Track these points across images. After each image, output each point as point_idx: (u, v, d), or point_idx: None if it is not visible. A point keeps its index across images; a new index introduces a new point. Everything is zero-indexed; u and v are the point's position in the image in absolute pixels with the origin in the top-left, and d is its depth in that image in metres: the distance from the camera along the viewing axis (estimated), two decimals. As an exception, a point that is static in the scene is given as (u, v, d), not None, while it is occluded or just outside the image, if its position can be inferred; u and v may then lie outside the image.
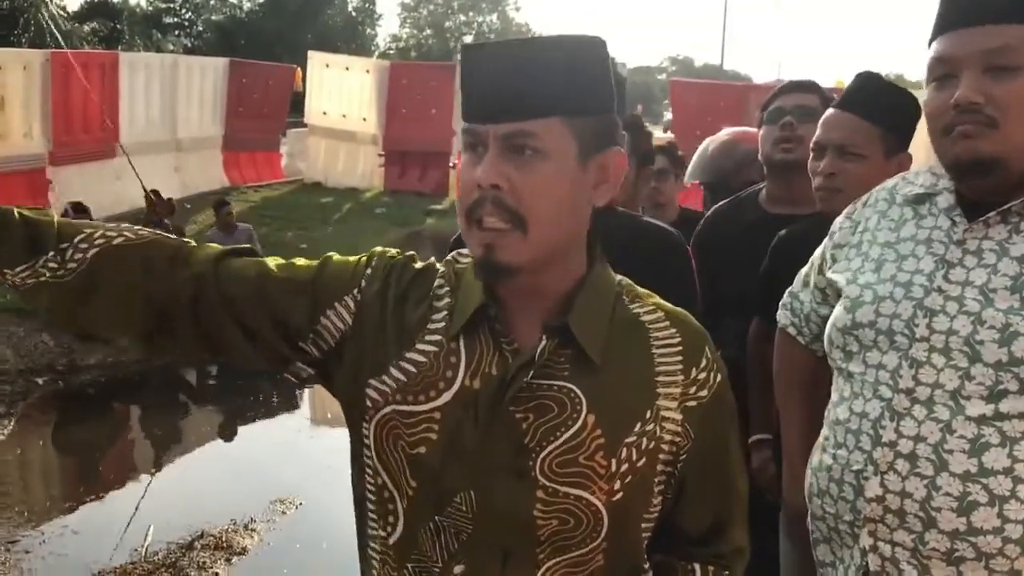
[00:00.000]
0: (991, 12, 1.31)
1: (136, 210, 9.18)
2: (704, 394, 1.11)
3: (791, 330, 1.75)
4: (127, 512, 4.35)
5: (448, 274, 1.15)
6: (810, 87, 2.44)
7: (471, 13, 45.26)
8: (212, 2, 34.44)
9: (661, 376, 1.09)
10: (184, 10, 33.87)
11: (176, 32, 32.04)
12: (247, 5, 34.34)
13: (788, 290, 1.76)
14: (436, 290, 1.14)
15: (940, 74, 1.36)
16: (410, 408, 1.08)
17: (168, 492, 4.71)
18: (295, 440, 5.43)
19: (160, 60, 14.00)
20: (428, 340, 1.10)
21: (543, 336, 1.07)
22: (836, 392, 1.50)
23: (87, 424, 5.83)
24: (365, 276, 1.15)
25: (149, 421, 6.12)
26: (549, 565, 1.07)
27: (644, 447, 1.07)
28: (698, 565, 1.16)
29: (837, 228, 1.60)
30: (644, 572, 1.15)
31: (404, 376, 1.09)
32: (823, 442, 1.50)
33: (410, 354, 1.10)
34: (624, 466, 1.06)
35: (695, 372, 1.11)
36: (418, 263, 1.18)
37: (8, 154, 9.61)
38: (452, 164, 14.19)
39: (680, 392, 1.10)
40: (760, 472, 2.14)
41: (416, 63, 23.45)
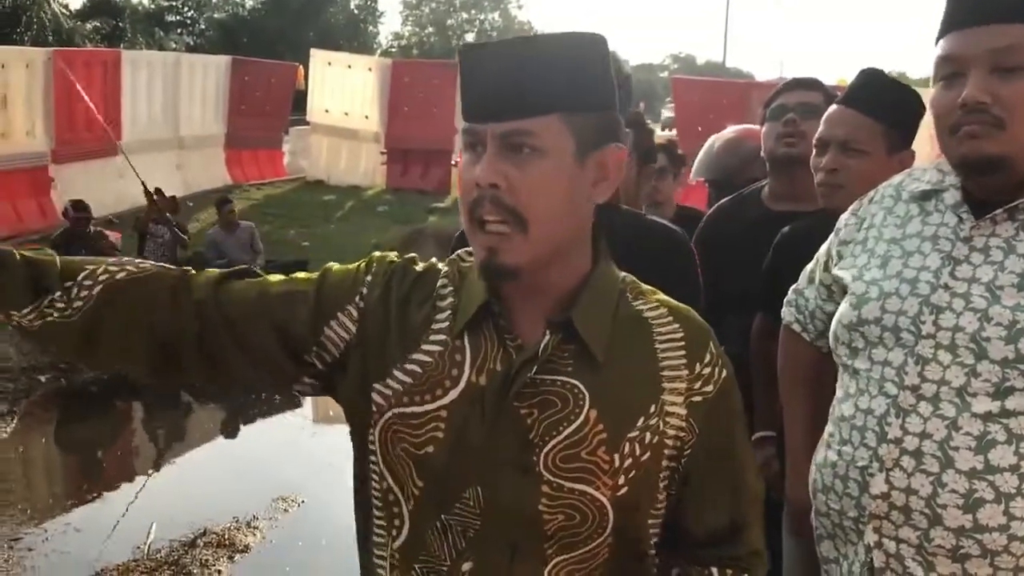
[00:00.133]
0: (999, 11, 1.30)
1: (138, 208, 9.20)
2: (709, 389, 1.10)
3: (796, 327, 1.75)
4: (129, 510, 4.36)
5: (452, 273, 1.15)
6: (813, 84, 2.43)
7: (473, 11, 45.21)
8: (214, 0, 34.44)
9: (666, 371, 1.09)
10: (186, 8, 33.86)
11: (178, 30, 32.04)
12: (249, 3, 34.35)
13: (793, 287, 1.75)
14: (439, 290, 1.14)
15: (947, 73, 1.35)
16: (417, 408, 1.09)
17: (170, 490, 4.71)
18: (297, 438, 5.43)
19: (162, 58, 14.04)
20: (433, 340, 1.11)
21: (546, 331, 1.07)
22: (841, 388, 1.50)
23: (89, 422, 5.84)
24: (366, 283, 1.15)
25: (151, 419, 6.12)
26: (557, 561, 1.07)
27: (648, 442, 1.07)
28: (715, 569, 1.14)
29: (843, 225, 1.60)
30: (650, 566, 1.14)
31: (410, 378, 1.10)
32: (828, 439, 1.49)
33: (415, 355, 1.10)
34: (627, 461, 1.06)
35: (699, 367, 1.10)
36: (419, 265, 1.18)
37: (11, 152, 9.65)
38: (454, 162, 14.18)
39: (686, 387, 1.09)
40: (763, 469, 2.14)
41: (418, 61, 23.39)
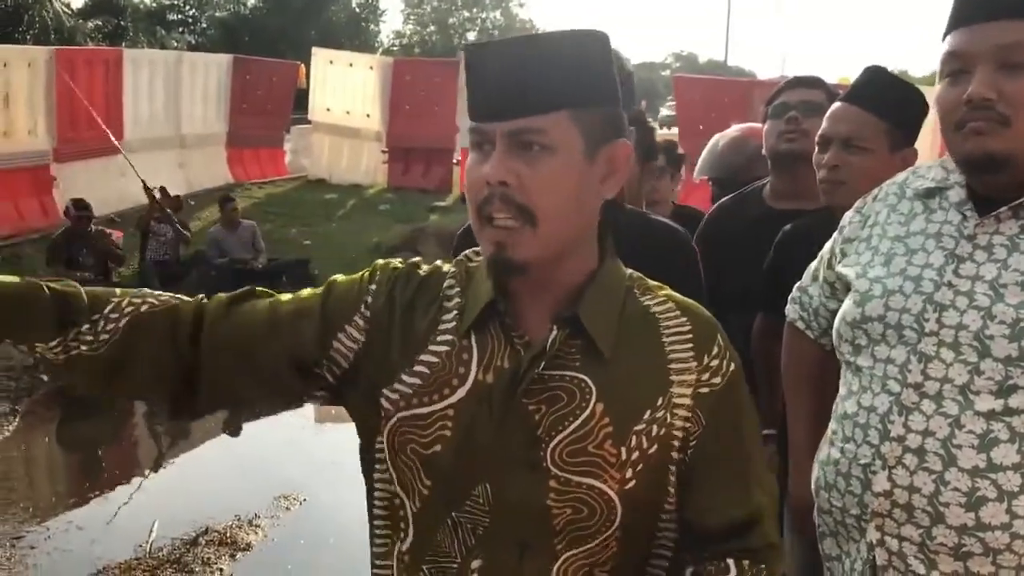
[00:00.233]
0: (1005, 8, 1.30)
1: (140, 207, 9.19)
2: (717, 381, 1.10)
3: (800, 324, 1.74)
4: (131, 508, 4.36)
5: (459, 273, 1.15)
6: (815, 83, 2.43)
7: (475, 9, 45.16)
8: (216, -1, 34.46)
9: (673, 363, 1.09)
10: (188, 7, 33.85)
11: (180, 29, 32.02)
12: (251, 2, 34.30)
13: (797, 284, 1.75)
14: (446, 291, 1.14)
15: (953, 69, 1.35)
16: (424, 410, 1.09)
17: (172, 488, 4.71)
18: (299, 436, 5.43)
19: (164, 57, 14.03)
20: (440, 341, 1.11)
21: (554, 327, 1.07)
22: (844, 386, 1.49)
23: (92, 420, 5.83)
24: (370, 292, 1.16)
25: (153, 417, 6.11)
26: (566, 557, 1.07)
27: (654, 434, 1.07)
28: (731, 561, 1.10)
29: (847, 222, 1.60)
30: (661, 564, 1.14)
31: (418, 379, 1.10)
32: (831, 436, 1.49)
33: (423, 356, 1.11)
34: (635, 454, 1.06)
35: (707, 359, 1.10)
36: (423, 268, 1.18)
37: (13, 151, 9.65)
38: (456, 160, 14.19)
39: (694, 379, 1.09)
40: (765, 467, 2.14)
41: (419, 59, 23.37)
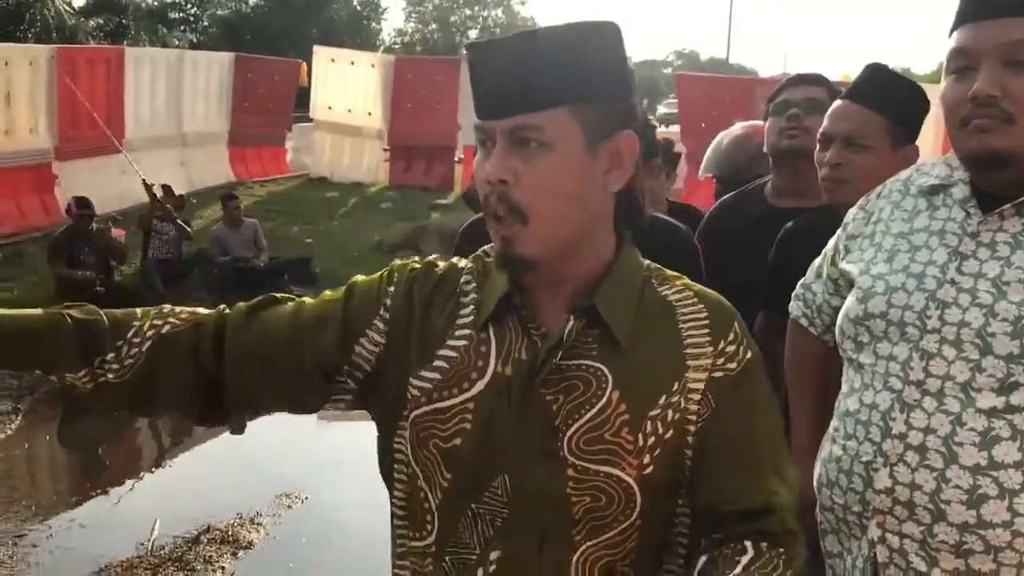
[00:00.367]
0: (1012, 5, 1.29)
1: (141, 205, 9.19)
2: (732, 367, 1.09)
3: (803, 321, 1.74)
4: (133, 506, 4.37)
5: (475, 268, 1.17)
6: (817, 80, 2.42)
7: (476, 7, 45.13)
8: (217, -3, 34.45)
9: (689, 349, 1.09)
10: (190, 5, 33.84)
11: (182, 27, 32.02)
12: (252, 0, 34.34)
13: (801, 281, 1.75)
14: (462, 286, 1.15)
15: (959, 66, 1.35)
16: (445, 403, 1.10)
17: (174, 486, 4.72)
18: (301, 435, 5.43)
19: (165, 55, 14.03)
20: (458, 336, 1.12)
21: (570, 317, 1.08)
22: (846, 383, 1.49)
23: (93, 419, 5.82)
24: (388, 294, 1.17)
25: (155, 416, 6.13)
26: (585, 547, 1.07)
27: (670, 419, 1.07)
28: (749, 542, 1.07)
29: (851, 219, 1.60)
30: (678, 554, 1.13)
31: (439, 374, 1.11)
32: (833, 433, 1.49)
33: (442, 352, 1.12)
34: (651, 439, 1.06)
35: (723, 344, 1.10)
36: (440, 266, 1.19)
37: (14, 149, 9.65)
38: (457, 159, 14.18)
39: (710, 363, 1.09)
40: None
41: (421, 57, 23.35)
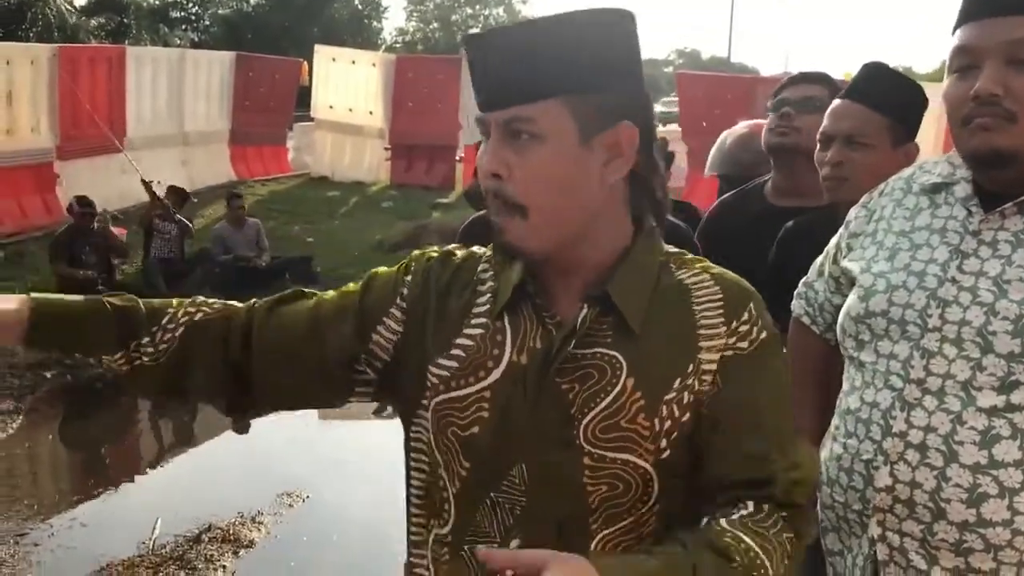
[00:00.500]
0: (1016, 3, 1.28)
1: (143, 204, 9.19)
2: (744, 346, 1.08)
3: (805, 319, 1.74)
4: (135, 505, 4.37)
5: (494, 257, 1.17)
6: (817, 78, 2.41)
7: (477, 6, 45.11)
8: (218, -4, 34.44)
9: (702, 330, 1.08)
10: (191, 4, 33.88)
11: (183, 26, 32.05)
12: (253, -1, 34.36)
13: (803, 279, 1.75)
14: (480, 275, 1.16)
15: (961, 64, 1.34)
16: (462, 392, 1.10)
17: (175, 485, 4.72)
18: (302, 433, 5.43)
19: (167, 54, 14.04)
20: (474, 324, 1.13)
21: (584, 305, 1.08)
22: (847, 381, 1.49)
23: (95, 418, 5.85)
24: (406, 283, 1.18)
25: (157, 415, 6.13)
26: (603, 535, 1.07)
27: (685, 402, 1.06)
28: (752, 504, 1.03)
29: (853, 217, 1.59)
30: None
31: (455, 362, 1.12)
32: (834, 431, 1.49)
33: (459, 340, 1.12)
34: (667, 424, 1.05)
35: (736, 324, 1.08)
36: (459, 254, 1.20)
37: (16, 148, 9.66)
38: (458, 158, 14.18)
39: (723, 344, 1.07)
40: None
41: (422, 56, 23.35)
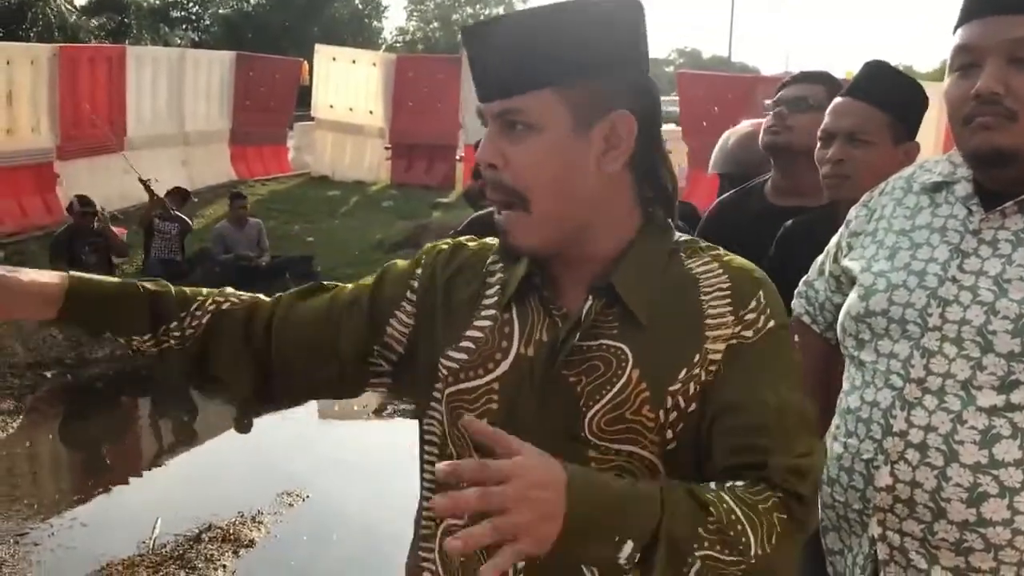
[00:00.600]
0: (1017, 2, 1.28)
1: (143, 204, 9.18)
2: (749, 335, 1.06)
3: (806, 318, 1.73)
4: (135, 504, 4.37)
5: (500, 250, 1.17)
6: (815, 78, 2.40)
7: (478, 6, 45.08)
8: (219, -4, 34.44)
9: (708, 319, 1.06)
10: (191, 4, 33.90)
11: (183, 26, 32.07)
12: (254, -1, 34.35)
13: (804, 278, 1.75)
14: (489, 267, 1.17)
15: (963, 63, 1.34)
16: (471, 384, 1.11)
17: (175, 485, 4.72)
18: (303, 433, 5.44)
19: (167, 54, 14.01)
20: (484, 316, 1.13)
21: (589, 297, 1.07)
22: (848, 381, 1.49)
23: (95, 417, 5.84)
24: (416, 276, 1.19)
25: (157, 414, 6.13)
26: None
27: (691, 393, 1.05)
28: (747, 478, 1.00)
29: (853, 216, 1.59)
30: None
31: (465, 354, 1.12)
32: (834, 430, 1.49)
33: (469, 332, 1.13)
34: (672, 415, 1.04)
35: (743, 312, 1.06)
36: (470, 245, 1.21)
37: (16, 148, 9.65)
38: (459, 157, 14.17)
39: (729, 333, 1.06)
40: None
41: (422, 56, 23.36)
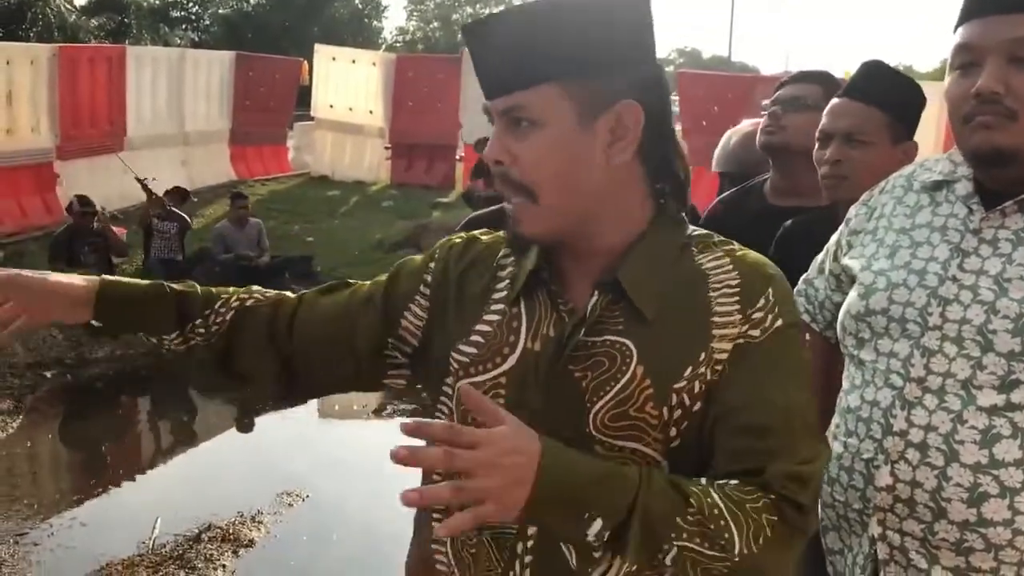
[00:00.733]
0: (1017, 1, 1.28)
1: (142, 204, 9.18)
2: (756, 334, 1.05)
3: (805, 317, 1.73)
4: (134, 504, 4.36)
5: (508, 240, 1.17)
6: (813, 77, 2.38)
7: (478, 5, 45.06)
8: (218, -4, 34.43)
9: (716, 318, 1.05)
10: (191, 4, 33.88)
11: (183, 26, 32.04)
12: (253, -1, 34.33)
13: (803, 277, 1.74)
14: (500, 260, 1.17)
15: (963, 62, 1.33)
16: (480, 378, 1.11)
17: (175, 485, 4.72)
18: (302, 432, 5.44)
19: (167, 54, 14.00)
20: (493, 310, 1.14)
21: (595, 292, 1.07)
22: (848, 380, 1.49)
23: (95, 417, 5.84)
24: (429, 270, 1.20)
25: (156, 414, 6.13)
26: None
27: (697, 391, 1.04)
28: (735, 480, 1.00)
29: (853, 214, 1.59)
30: None
31: (475, 348, 1.13)
32: (834, 430, 1.48)
33: (478, 326, 1.14)
34: (677, 412, 1.04)
35: (751, 311, 1.05)
36: (483, 239, 1.22)
37: (16, 148, 9.64)
38: (458, 157, 14.16)
39: (736, 332, 1.04)
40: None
41: (422, 56, 23.34)
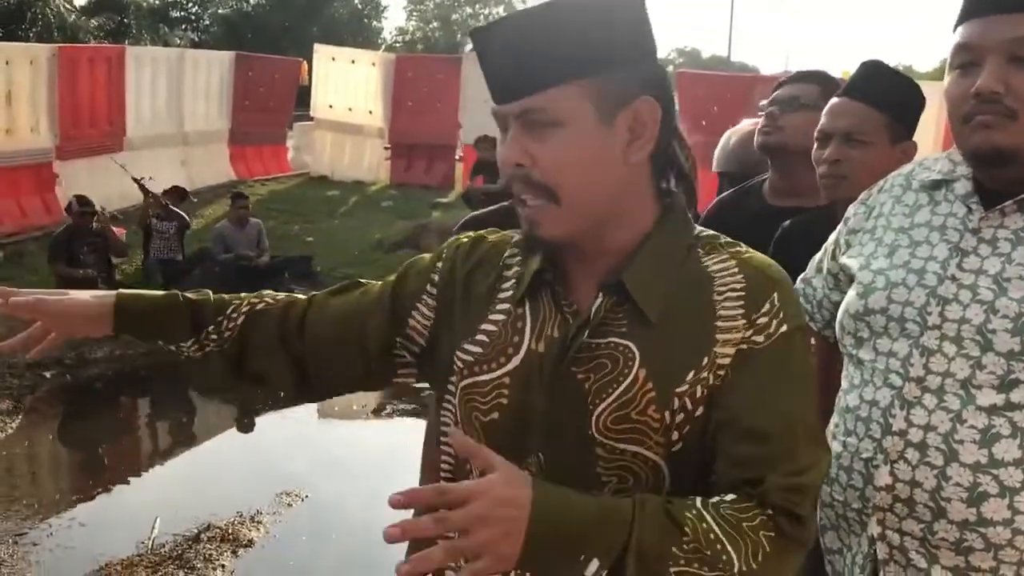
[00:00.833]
0: (1017, 1, 1.27)
1: (142, 204, 9.18)
2: (760, 340, 1.04)
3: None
4: (133, 505, 4.36)
5: (523, 242, 1.18)
6: (811, 77, 2.37)
7: (477, 5, 45.08)
8: (218, -4, 34.42)
9: (720, 322, 1.04)
10: (191, 4, 33.88)
11: (183, 26, 32.04)
12: (253, -1, 34.33)
13: (801, 276, 1.74)
14: (507, 260, 1.17)
15: (963, 61, 1.33)
16: (484, 377, 1.12)
17: (174, 485, 4.71)
18: (302, 432, 5.44)
19: (167, 54, 14.01)
20: (498, 310, 1.14)
21: (599, 294, 1.07)
22: (846, 379, 1.49)
23: (94, 418, 5.83)
24: (437, 270, 1.21)
25: (156, 414, 6.13)
26: None
27: (699, 395, 1.04)
28: (736, 494, 1.00)
29: (851, 213, 1.59)
30: None
31: (480, 348, 1.13)
32: (833, 429, 1.48)
33: (483, 326, 1.14)
34: (679, 416, 1.04)
35: (756, 316, 1.04)
36: (490, 239, 1.22)
37: (15, 148, 9.65)
38: (458, 157, 14.17)
39: (740, 337, 1.04)
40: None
41: (422, 56, 23.33)
